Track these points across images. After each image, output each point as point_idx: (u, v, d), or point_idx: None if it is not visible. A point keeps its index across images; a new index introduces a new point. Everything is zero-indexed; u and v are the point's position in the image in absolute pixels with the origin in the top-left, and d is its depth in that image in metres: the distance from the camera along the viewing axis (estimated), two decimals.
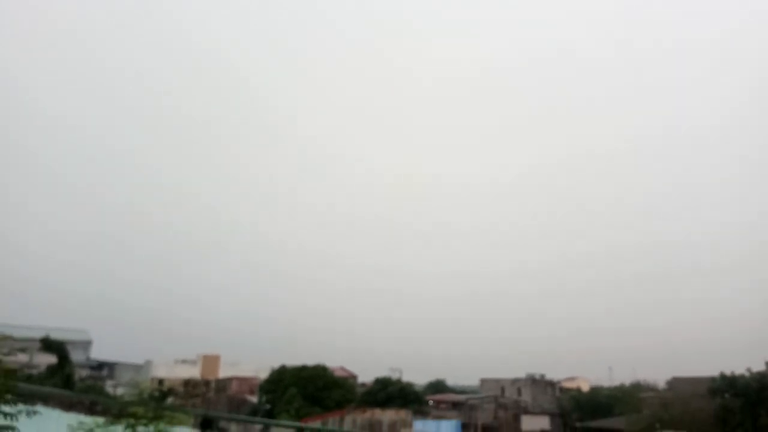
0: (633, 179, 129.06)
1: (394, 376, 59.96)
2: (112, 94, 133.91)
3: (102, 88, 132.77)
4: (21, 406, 5.04)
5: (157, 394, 36.72)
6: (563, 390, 65.46)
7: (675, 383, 50.45)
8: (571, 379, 75.69)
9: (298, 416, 36.14)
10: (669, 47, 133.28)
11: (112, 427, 5.13)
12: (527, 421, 41.12)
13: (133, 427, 4.98)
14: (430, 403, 56.29)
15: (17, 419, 4.92)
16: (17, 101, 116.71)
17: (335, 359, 63.36)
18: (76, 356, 43.56)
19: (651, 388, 57.14)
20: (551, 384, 57.86)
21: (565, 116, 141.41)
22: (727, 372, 37.25)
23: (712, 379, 38.28)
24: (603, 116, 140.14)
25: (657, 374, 70.73)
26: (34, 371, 36.61)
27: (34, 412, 5.04)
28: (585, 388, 68.43)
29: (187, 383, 55.10)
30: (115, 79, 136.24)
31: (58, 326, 44.95)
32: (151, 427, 4.99)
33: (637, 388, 56.23)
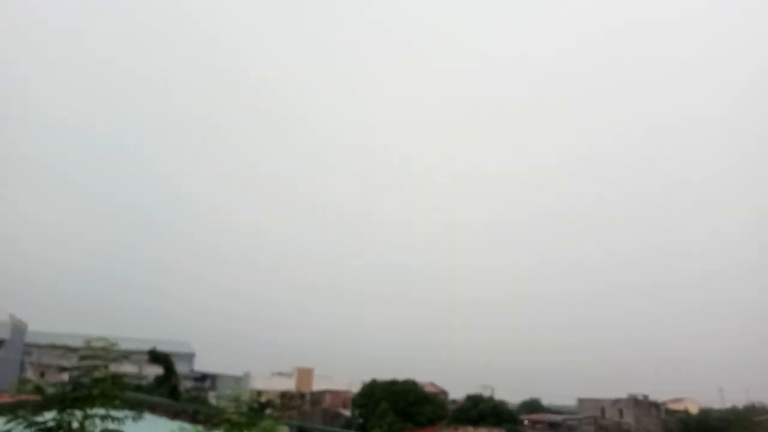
0: None
1: (486, 393, 58.67)
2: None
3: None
4: (128, 412, 5.34)
5: (256, 405, 38.07)
6: (669, 412, 61.24)
7: None
8: (678, 400, 70.66)
9: (391, 431, 36.15)
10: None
11: None
12: None
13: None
14: (525, 422, 54.51)
15: (124, 423, 5.21)
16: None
17: (425, 374, 62.93)
18: (180, 368, 46.07)
19: (765, 410, 52.30)
20: (656, 405, 54.35)
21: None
22: None
23: None
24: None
25: None
26: (143, 382, 39.04)
27: (140, 417, 5.33)
28: (693, 410, 63.66)
29: (284, 395, 56.73)
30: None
31: (163, 339, 47.80)
32: None
33: (751, 410, 51.68)
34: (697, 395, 73.62)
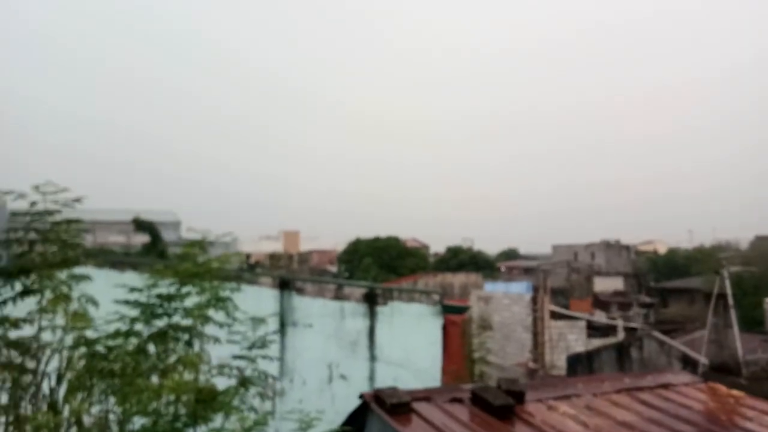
0: None
1: (466, 245, 61.26)
2: None
3: None
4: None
5: (245, 266, 39.54)
6: (639, 253, 64.83)
7: (759, 243, 48.70)
8: (648, 242, 74.56)
9: (375, 282, 38.04)
10: None
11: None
12: (600, 283, 41.46)
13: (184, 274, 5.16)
14: (502, 269, 57.55)
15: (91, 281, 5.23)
16: None
17: (407, 231, 65.14)
18: (167, 236, 46.86)
19: (732, 249, 55.46)
20: (626, 248, 57.25)
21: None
22: None
23: None
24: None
25: (740, 235, 68.28)
26: (132, 251, 39.84)
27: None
28: (662, 250, 67.43)
29: (272, 257, 58.64)
30: None
31: (147, 209, 48.11)
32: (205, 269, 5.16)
33: (717, 248, 54.72)
34: (667, 237, 77.69)
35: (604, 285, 41.50)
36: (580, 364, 15.13)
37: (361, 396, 5.49)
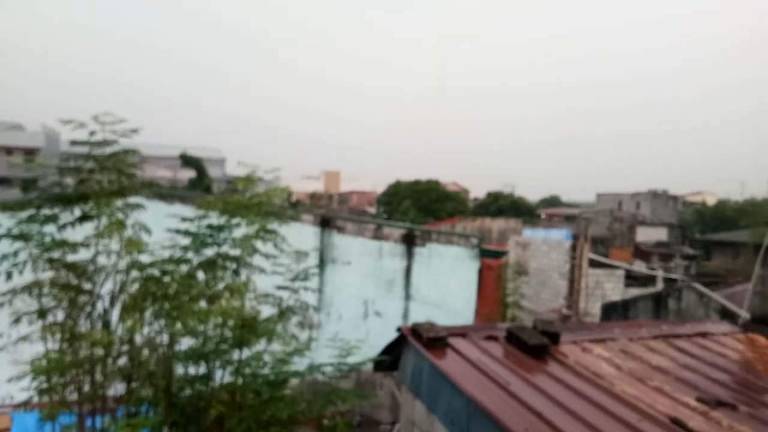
0: None
1: (507, 191, 60.58)
2: None
3: None
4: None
5: (286, 204, 40.26)
6: (687, 204, 62.97)
7: None
8: (698, 193, 72.18)
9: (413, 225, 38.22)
10: None
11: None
12: (643, 233, 40.60)
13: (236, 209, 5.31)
14: (543, 216, 56.89)
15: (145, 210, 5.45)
16: None
17: (448, 176, 64.68)
18: (213, 172, 47.91)
19: None
20: (674, 198, 55.62)
21: None
22: None
23: None
24: None
25: None
26: (178, 186, 40.83)
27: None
28: (711, 202, 65.25)
29: (312, 196, 59.33)
30: None
31: (193, 145, 49.05)
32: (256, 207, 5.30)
33: None
34: (718, 188, 74.95)
35: (647, 235, 40.67)
36: (615, 313, 15.08)
37: (399, 329, 5.66)
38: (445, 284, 16.42)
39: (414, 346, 5.30)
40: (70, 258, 5.26)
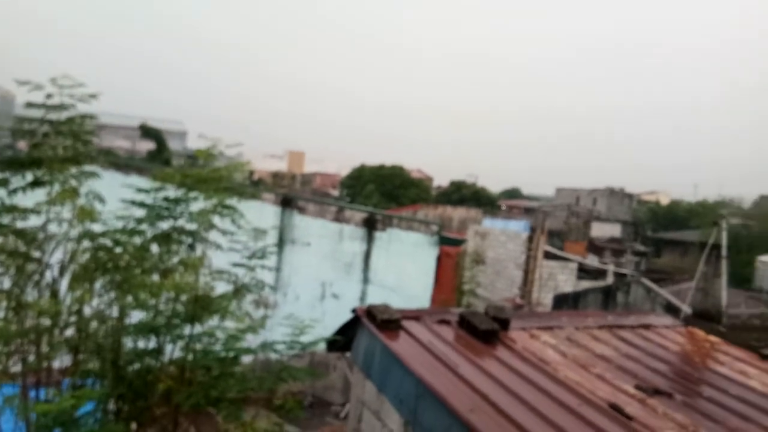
0: None
1: (470, 180, 61.20)
2: None
3: None
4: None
5: (248, 181, 39.74)
6: (641, 202, 64.91)
7: (762, 202, 48.65)
8: (652, 192, 74.44)
9: (376, 209, 38.32)
10: None
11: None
12: (598, 228, 41.74)
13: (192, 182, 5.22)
14: (503, 207, 57.77)
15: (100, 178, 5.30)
16: None
17: (413, 163, 64.94)
18: (173, 145, 46.84)
19: (735, 206, 55.44)
20: (629, 196, 57.23)
21: None
22: None
23: None
24: None
25: (746, 192, 68.00)
26: (137, 157, 39.81)
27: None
28: (665, 202, 67.42)
29: (275, 175, 58.77)
30: None
31: (154, 116, 47.77)
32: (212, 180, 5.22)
33: (720, 204, 54.70)
34: (672, 189, 77.50)
35: (601, 230, 41.83)
36: (566, 304, 15.52)
37: (354, 310, 5.71)
38: (403, 269, 16.57)
39: (368, 327, 5.36)
40: (20, 224, 5.10)
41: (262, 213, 13.96)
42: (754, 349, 6.22)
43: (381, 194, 47.26)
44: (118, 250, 4.97)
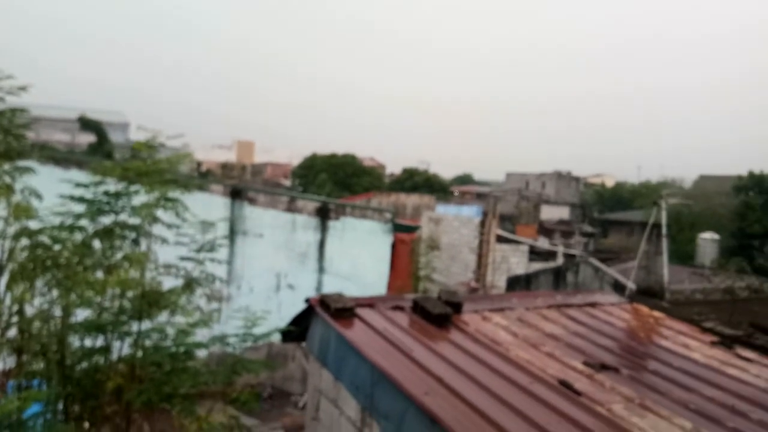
0: None
1: (422, 168, 61.58)
2: None
3: None
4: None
5: (196, 173, 38.83)
6: (588, 185, 66.77)
7: (702, 182, 50.73)
8: (598, 175, 76.65)
9: (329, 199, 38.13)
10: None
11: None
12: (547, 211, 42.78)
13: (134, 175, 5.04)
14: (455, 193, 58.44)
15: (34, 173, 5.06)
16: None
17: (365, 150, 64.86)
18: (115, 138, 45.20)
19: (677, 186, 57.73)
20: (576, 179, 58.77)
21: None
22: (756, 171, 37.02)
23: (739, 178, 38.26)
24: None
25: (687, 173, 70.84)
26: (77, 150, 38.31)
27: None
28: (610, 184, 69.56)
29: (224, 166, 57.59)
30: None
31: (94, 108, 45.98)
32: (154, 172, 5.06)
33: (662, 185, 56.84)
34: (616, 172, 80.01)
35: (550, 213, 42.88)
36: (519, 285, 15.86)
37: (307, 300, 5.68)
38: (358, 258, 16.58)
39: (322, 316, 5.34)
40: None
41: (211, 205, 13.70)
42: (696, 323, 6.50)
43: (334, 183, 47.02)
44: (57, 247, 4.78)
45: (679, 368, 5.00)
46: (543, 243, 24.88)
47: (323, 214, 16.30)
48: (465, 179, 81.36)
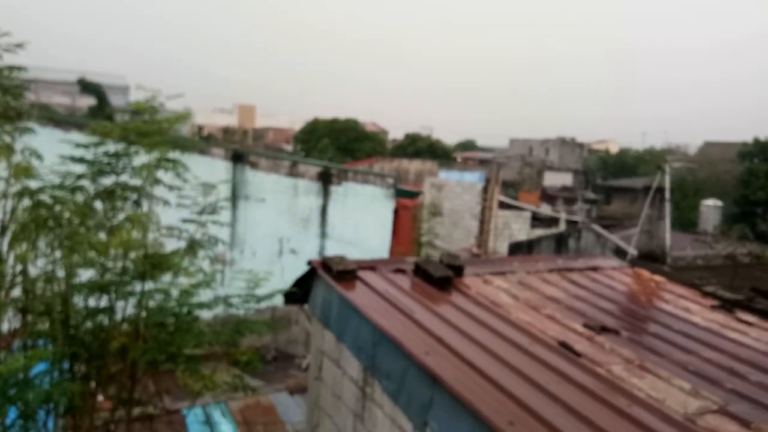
0: None
1: (425, 133, 61.16)
2: None
3: None
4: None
5: (197, 136, 38.61)
6: (592, 151, 66.34)
7: (707, 148, 50.38)
8: (602, 141, 76.07)
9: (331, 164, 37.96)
10: None
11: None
12: (549, 177, 42.61)
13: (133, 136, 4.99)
14: (458, 159, 58.14)
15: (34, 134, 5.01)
16: None
17: (368, 115, 64.32)
18: (115, 101, 44.84)
19: (681, 152, 57.35)
20: (580, 145, 58.35)
21: None
22: (762, 138, 36.72)
23: (744, 144, 37.98)
24: None
25: (691, 140, 70.31)
26: (77, 113, 38.06)
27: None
28: (614, 150, 69.10)
29: (226, 131, 57.21)
30: None
31: (94, 70, 45.49)
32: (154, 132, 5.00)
33: (666, 151, 56.48)
34: (621, 138, 79.38)
35: (553, 180, 42.72)
36: (521, 251, 15.93)
37: (309, 262, 5.69)
38: (360, 223, 16.59)
39: (324, 278, 5.36)
40: None
41: (213, 169, 13.65)
42: (697, 287, 6.52)
43: (336, 148, 46.78)
44: (59, 208, 4.78)
45: (679, 331, 5.03)
46: (545, 209, 24.89)
47: (325, 179, 16.25)
48: (468, 145, 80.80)
